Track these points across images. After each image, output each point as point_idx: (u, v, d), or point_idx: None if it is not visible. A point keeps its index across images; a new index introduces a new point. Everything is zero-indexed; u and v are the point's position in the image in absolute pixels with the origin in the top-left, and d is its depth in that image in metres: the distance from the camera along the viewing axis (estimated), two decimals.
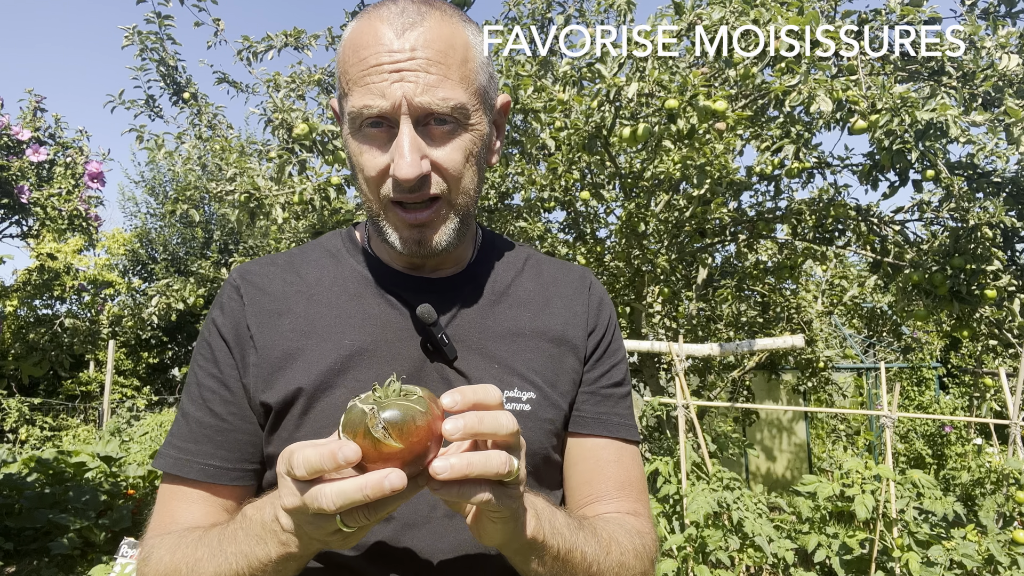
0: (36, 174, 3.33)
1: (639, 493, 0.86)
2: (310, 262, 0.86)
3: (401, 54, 0.69)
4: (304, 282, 0.83)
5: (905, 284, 2.88)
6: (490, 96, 0.78)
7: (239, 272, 0.85)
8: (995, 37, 2.50)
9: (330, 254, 0.87)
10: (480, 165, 0.78)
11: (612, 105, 2.64)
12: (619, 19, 3.81)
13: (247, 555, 0.62)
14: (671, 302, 4.67)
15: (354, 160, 0.75)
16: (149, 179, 14.00)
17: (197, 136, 4.04)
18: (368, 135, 0.72)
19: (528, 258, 0.93)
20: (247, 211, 3.40)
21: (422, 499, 0.75)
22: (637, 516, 0.83)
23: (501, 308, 0.84)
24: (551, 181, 3.86)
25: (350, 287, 0.82)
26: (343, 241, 0.89)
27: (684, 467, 3.09)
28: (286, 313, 0.80)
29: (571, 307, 0.88)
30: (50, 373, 8.85)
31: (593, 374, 0.87)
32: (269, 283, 0.83)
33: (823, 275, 5.55)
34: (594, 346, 0.87)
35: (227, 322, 0.80)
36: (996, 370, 5.43)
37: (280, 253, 0.89)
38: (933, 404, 7.15)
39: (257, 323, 0.79)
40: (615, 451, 0.85)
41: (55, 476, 4.51)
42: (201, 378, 0.79)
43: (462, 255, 0.86)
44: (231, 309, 0.81)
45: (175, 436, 0.79)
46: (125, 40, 3.78)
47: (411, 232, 0.75)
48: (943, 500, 3.12)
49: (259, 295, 0.81)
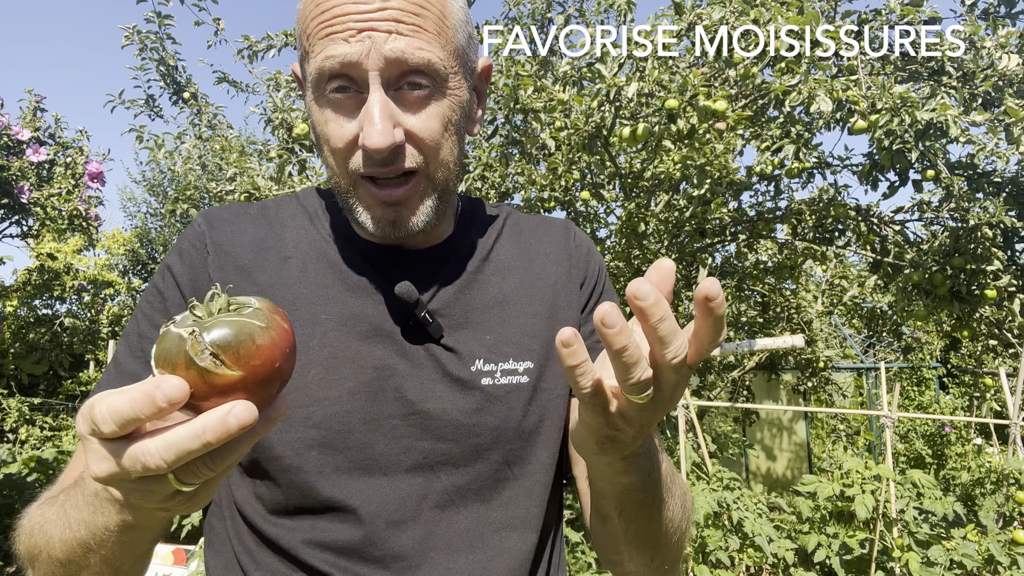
0: (36, 174, 3.33)
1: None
2: (287, 218, 0.76)
3: (369, 5, 0.60)
4: (279, 239, 0.73)
5: (905, 284, 2.88)
6: (470, 59, 0.70)
7: (204, 217, 0.74)
8: (995, 37, 2.50)
9: (308, 214, 0.77)
10: (460, 135, 0.70)
11: (612, 105, 2.64)
12: (619, 19, 3.82)
13: (88, 524, 0.53)
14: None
15: (319, 130, 0.67)
16: (150, 179, 14.01)
17: (197, 136, 4.04)
18: (334, 101, 0.64)
19: (507, 219, 0.84)
20: None
21: (410, 490, 0.67)
22: None
23: (484, 276, 0.76)
24: (551, 181, 3.86)
25: (329, 254, 0.73)
26: (320, 203, 0.79)
27: (684, 467, 3.09)
28: (256, 271, 0.71)
29: (557, 262, 0.80)
30: (50, 373, 8.86)
31: (588, 328, 0.79)
32: (239, 234, 0.73)
33: (823, 275, 5.55)
34: (587, 297, 0.80)
35: (185, 271, 0.71)
36: (996, 370, 5.42)
37: (253, 203, 0.78)
38: (933, 404, 7.15)
39: (221, 278, 0.70)
40: None
41: (55, 476, 4.51)
42: (144, 328, 0.70)
43: (442, 231, 0.78)
44: (191, 258, 0.71)
45: (104, 388, 0.66)
46: (125, 40, 3.78)
47: (385, 211, 0.67)
48: (943, 500, 3.12)
49: (227, 245, 0.72)
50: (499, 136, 3.60)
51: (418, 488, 0.68)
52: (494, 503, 0.71)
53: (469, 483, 0.70)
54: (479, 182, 4.02)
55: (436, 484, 0.69)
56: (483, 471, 0.70)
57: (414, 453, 0.68)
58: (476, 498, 0.70)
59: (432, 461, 0.69)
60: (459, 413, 0.70)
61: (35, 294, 4.38)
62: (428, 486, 0.69)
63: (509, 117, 3.41)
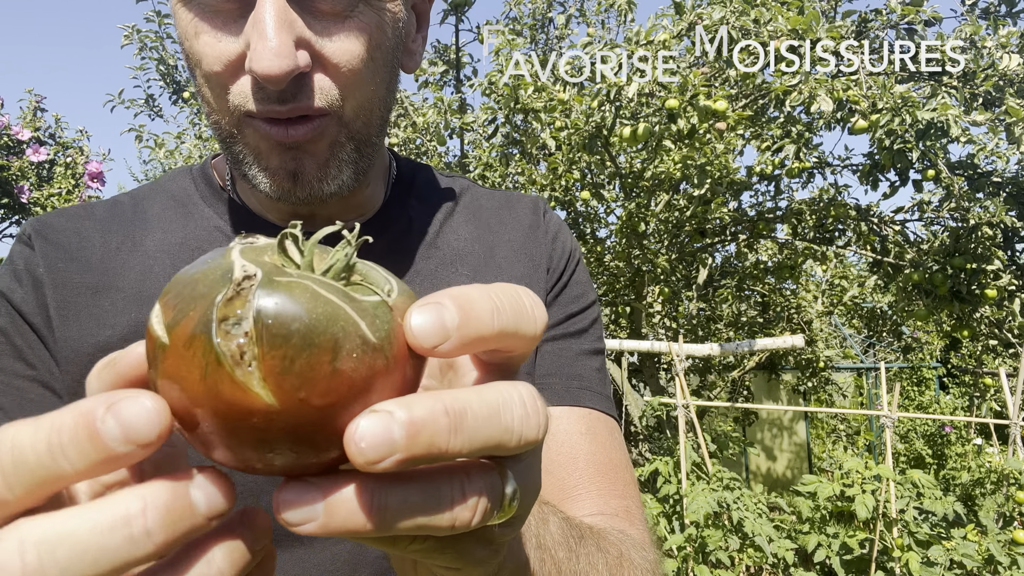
0: (36, 174, 3.33)
1: (625, 484, 0.60)
2: (148, 217, 0.58)
3: None
4: (138, 246, 0.56)
5: (905, 284, 2.89)
6: None
7: (33, 225, 0.56)
8: (996, 37, 2.50)
9: (177, 203, 0.59)
10: (391, 67, 0.51)
11: (612, 105, 2.64)
12: (619, 19, 3.82)
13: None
14: (671, 302, 4.67)
15: (187, 47, 0.47)
16: (151, 178, 14.03)
17: (197, 136, 4.04)
18: (208, 5, 0.45)
19: (462, 193, 0.67)
20: None
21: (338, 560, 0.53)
22: (630, 518, 0.58)
23: (429, 266, 0.60)
24: (551, 181, 3.86)
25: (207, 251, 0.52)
26: (195, 183, 0.61)
27: (684, 467, 3.10)
28: (109, 289, 0.53)
29: (525, 252, 0.64)
30: None
31: (551, 319, 0.63)
32: (81, 245, 0.55)
33: (823, 275, 5.55)
34: (549, 287, 0.64)
35: (29, 296, 0.53)
36: (996, 370, 5.43)
37: (100, 202, 0.60)
38: (933, 404, 7.16)
39: (60, 301, 0.52)
40: (582, 422, 0.59)
41: None
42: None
43: (366, 199, 0.60)
44: (32, 277, 0.53)
45: None
46: (124, 39, 3.78)
47: (283, 158, 0.48)
48: (943, 500, 3.12)
49: (64, 261, 0.54)
50: (499, 136, 3.60)
51: (348, 556, 0.53)
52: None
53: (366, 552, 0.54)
54: (479, 182, 4.02)
55: (370, 550, 0.53)
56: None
57: None
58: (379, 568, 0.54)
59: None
60: None
61: None
62: (361, 553, 0.53)
63: (509, 117, 3.41)
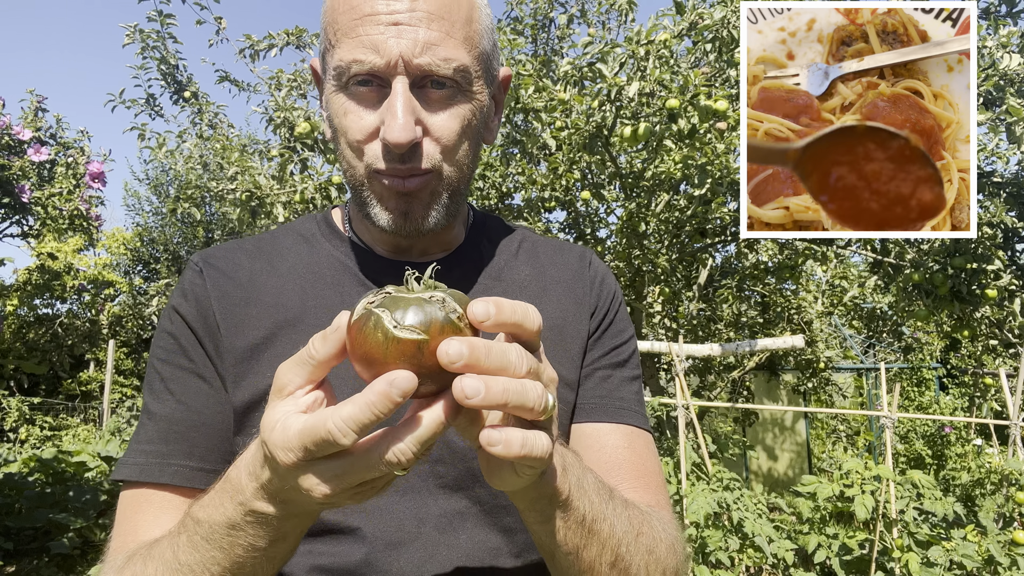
0: (37, 174, 3.33)
1: (658, 486, 0.74)
2: (281, 248, 0.78)
3: (400, 4, 0.62)
4: (275, 269, 0.75)
5: (906, 284, 2.89)
6: (492, 66, 0.71)
7: (201, 256, 0.76)
8: (996, 36, 2.50)
9: (303, 239, 0.78)
10: (477, 139, 0.70)
11: (613, 105, 2.64)
12: (620, 19, 3.82)
13: (222, 558, 0.51)
14: (671, 302, 4.67)
15: (336, 122, 0.67)
16: (153, 178, 14.03)
17: (198, 135, 4.04)
18: (355, 93, 0.65)
19: (523, 240, 0.84)
20: (248, 210, 3.40)
21: (408, 512, 0.67)
22: (661, 510, 0.71)
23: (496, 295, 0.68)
24: (552, 181, 3.86)
25: (327, 275, 0.74)
26: (318, 225, 0.80)
27: (684, 467, 3.10)
28: (254, 301, 0.72)
29: (571, 291, 0.80)
30: (50, 373, 8.85)
31: (594, 353, 0.78)
32: (235, 269, 0.74)
33: (823, 275, 5.55)
34: (596, 325, 0.79)
35: (192, 309, 0.71)
36: (996, 370, 5.43)
37: (248, 238, 0.80)
38: (933, 405, 7.15)
39: (222, 309, 0.71)
40: (624, 437, 0.74)
41: (55, 476, 4.51)
42: (167, 372, 0.70)
43: (451, 238, 0.79)
44: (196, 294, 0.72)
45: (140, 440, 0.68)
46: (126, 39, 3.78)
47: (398, 202, 0.67)
48: (943, 501, 3.12)
49: (224, 281, 0.73)
50: (500, 136, 3.60)
51: (415, 510, 0.67)
52: (495, 528, 0.69)
53: (468, 507, 0.68)
54: (479, 181, 4.02)
55: (433, 507, 0.67)
56: (483, 496, 0.69)
57: (409, 475, 0.67)
58: (476, 522, 0.69)
59: (429, 484, 0.68)
60: (456, 435, 0.68)
61: (35, 293, 4.37)
62: (425, 509, 0.67)
63: (510, 117, 3.41)
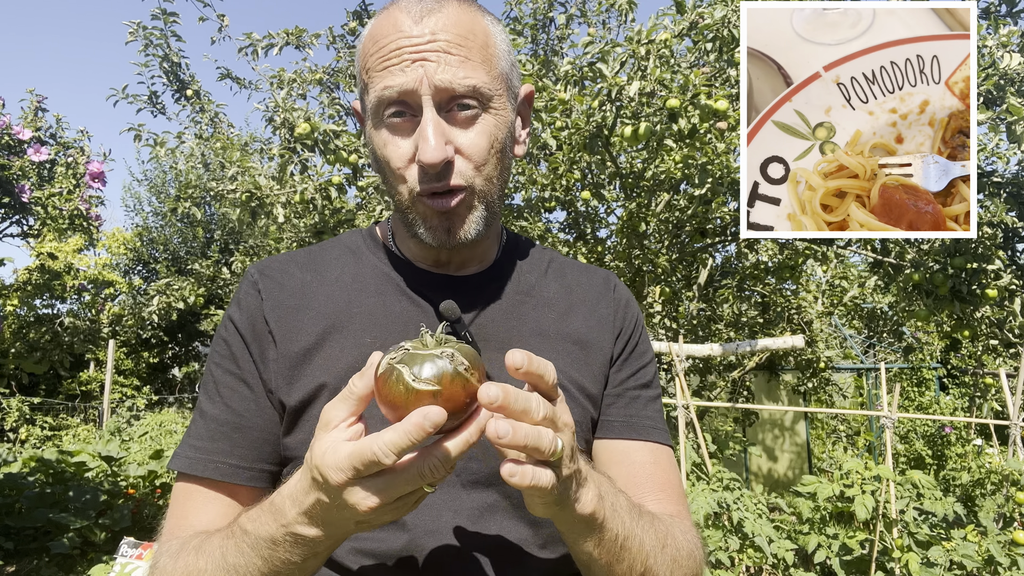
0: (37, 174, 3.33)
1: (679, 497, 0.82)
2: (330, 259, 0.85)
3: (421, 38, 0.69)
4: (324, 279, 0.82)
5: (906, 284, 2.88)
6: (514, 84, 0.78)
7: (257, 267, 0.83)
8: (996, 36, 2.50)
9: (350, 251, 0.86)
10: (505, 153, 0.76)
11: (613, 104, 2.64)
12: (620, 19, 3.81)
13: (263, 565, 0.60)
14: (671, 302, 4.67)
15: (379, 154, 0.74)
16: (152, 177, 14.01)
17: (198, 135, 4.04)
18: (392, 125, 0.71)
19: (552, 260, 0.92)
20: (248, 210, 3.40)
21: (445, 505, 0.73)
22: (681, 518, 0.80)
23: (527, 308, 0.83)
24: (552, 181, 3.86)
25: (371, 284, 0.81)
26: (364, 239, 0.88)
27: (684, 467, 3.09)
28: (305, 308, 0.78)
29: (596, 311, 0.86)
30: (50, 373, 8.84)
31: (620, 375, 0.85)
32: (288, 278, 0.81)
33: (823, 275, 5.55)
34: (621, 348, 0.86)
35: (244, 318, 0.78)
36: (996, 371, 5.42)
37: (299, 251, 0.87)
38: (933, 405, 7.15)
39: (276, 317, 0.77)
40: (650, 453, 0.83)
41: (56, 476, 4.51)
42: (218, 375, 0.77)
43: (487, 253, 0.85)
44: (248, 304, 0.79)
45: (192, 436, 0.76)
46: (129, 36, 3.78)
47: (440, 221, 0.73)
48: (943, 501, 3.12)
49: (277, 290, 0.80)
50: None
51: (451, 503, 0.73)
52: (523, 521, 0.75)
53: (498, 501, 0.74)
54: None
55: (467, 500, 0.73)
56: (511, 491, 0.74)
57: None
58: (505, 515, 0.74)
59: (464, 479, 0.74)
60: None
61: (35, 293, 4.37)
62: (459, 502, 0.73)
63: None
